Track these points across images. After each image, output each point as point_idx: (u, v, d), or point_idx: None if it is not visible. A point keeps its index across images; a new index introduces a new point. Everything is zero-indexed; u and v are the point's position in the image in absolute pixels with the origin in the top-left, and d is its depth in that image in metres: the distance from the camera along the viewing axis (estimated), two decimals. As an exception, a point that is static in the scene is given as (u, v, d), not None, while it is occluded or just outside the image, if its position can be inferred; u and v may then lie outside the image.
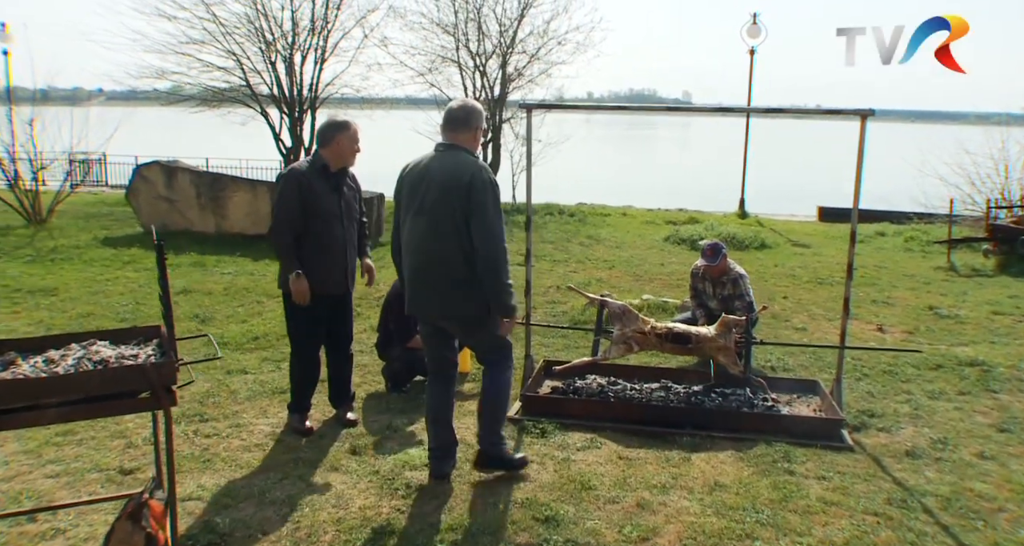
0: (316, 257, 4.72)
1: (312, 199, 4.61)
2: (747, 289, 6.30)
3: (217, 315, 7.80)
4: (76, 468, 4.45)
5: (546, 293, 8.99)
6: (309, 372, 4.99)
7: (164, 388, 2.83)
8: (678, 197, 19.67)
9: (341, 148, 4.70)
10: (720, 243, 6.49)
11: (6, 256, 10.90)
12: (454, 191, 3.88)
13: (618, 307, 5.48)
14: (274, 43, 18.67)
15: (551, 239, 12.80)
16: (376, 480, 4.27)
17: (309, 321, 4.84)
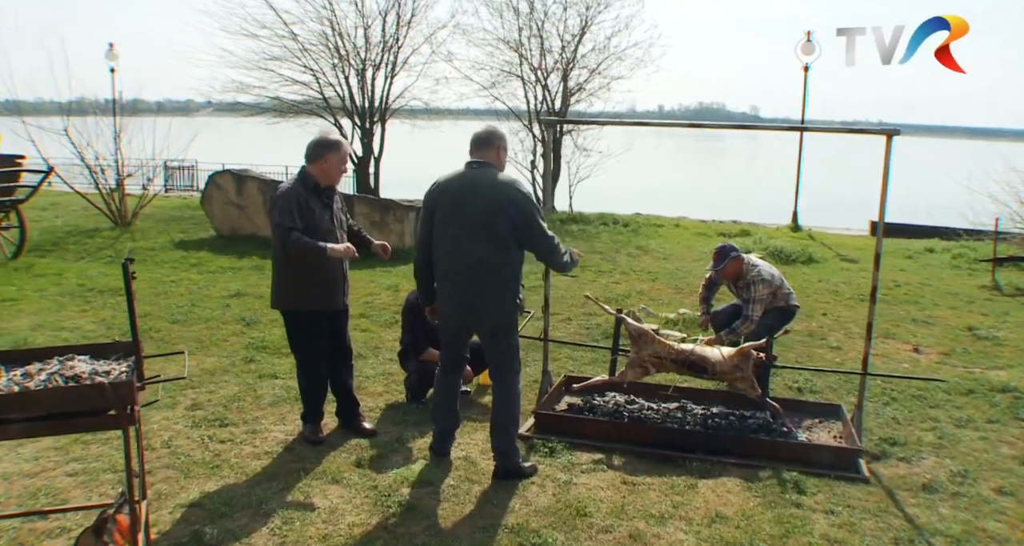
0: (316, 273, 4.60)
1: (309, 217, 4.48)
2: (758, 297, 5.74)
3: (263, 319, 7.78)
4: (94, 468, 4.42)
5: (584, 304, 8.68)
6: (317, 384, 4.88)
7: (123, 407, 2.69)
8: (735, 209, 19.01)
9: (329, 166, 4.57)
10: (727, 246, 5.98)
11: (90, 257, 11.22)
12: (497, 204, 4.09)
13: (635, 330, 5.18)
14: (347, 58, 18.88)
15: (601, 249, 12.47)
16: (372, 496, 4.10)
17: (312, 335, 4.74)
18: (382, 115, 19.84)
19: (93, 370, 2.94)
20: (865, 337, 4.90)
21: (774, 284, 5.82)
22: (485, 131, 4.40)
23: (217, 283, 9.47)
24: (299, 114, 19.69)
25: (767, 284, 5.76)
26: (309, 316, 4.68)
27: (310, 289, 4.59)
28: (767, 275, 5.81)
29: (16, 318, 7.66)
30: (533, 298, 7.84)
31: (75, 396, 2.64)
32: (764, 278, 5.77)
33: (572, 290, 9.40)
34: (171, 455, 4.57)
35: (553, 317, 8.08)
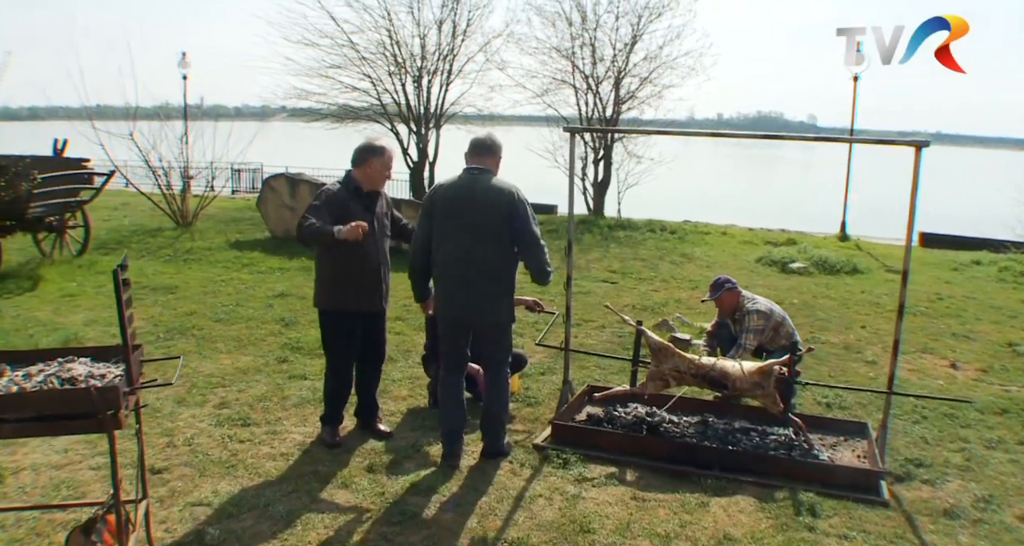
0: (351, 276, 4.57)
1: (346, 218, 4.40)
2: (752, 326, 5.53)
3: (302, 319, 7.81)
4: (120, 462, 4.43)
5: (621, 311, 8.47)
6: (343, 387, 4.84)
7: (108, 411, 2.66)
8: (784, 217, 18.47)
9: (372, 171, 4.56)
10: (724, 278, 5.82)
11: (150, 255, 11.49)
12: (499, 209, 4.24)
13: (655, 344, 5.00)
14: (404, 66, 19.01)
15: (644, 256, 12.24)
16: (378, 502, 4.02)
17: (345, 337, 4.70)
18: (437, 121, 19.92)
19: (89, 373, 2.92)
20: (892, 354, 4.61)
21: (772, 318, 5.59)
22: (487, 139, 4.51)
23: (264, 283, 9.58)
24: (358, 120, 19.92)
25: (761, 315, 5.56)
26: (343, 316, 4.65)
27: (346, 289, 4.57)
28: (764, 308, 5.63)
29: (73, 313, 7.87)
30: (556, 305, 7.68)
31: (61, 399, 2.63)
32: (760, 310, 5.59)
33: (609, 297, 9.21)
34: (191, 453, 4.57)
35: (587, 324, 7.94)
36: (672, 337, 7.09)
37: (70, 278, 9.31)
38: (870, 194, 19.41)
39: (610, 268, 11.17)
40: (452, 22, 18.76)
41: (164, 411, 5.25)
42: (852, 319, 8.26)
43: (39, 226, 9.86)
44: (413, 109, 19.59)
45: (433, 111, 19.77)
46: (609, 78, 17.03)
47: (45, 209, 9.37)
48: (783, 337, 5.65)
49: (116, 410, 2.71)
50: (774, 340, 5.66)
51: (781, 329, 5.65)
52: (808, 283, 10.28)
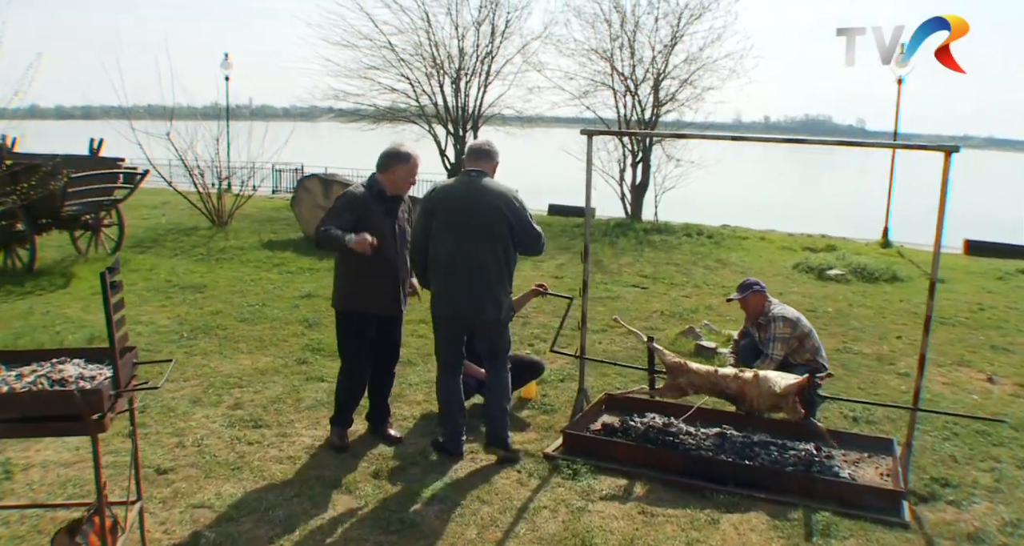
0: (369, 279, 4.58)
1: (366, 220, 4.45)
2: (777, 334, 5.35)
3: (325, 320, 7.81)
4: (125, 461, 4.45)
5: (648, 318, 8.35)
6: (356, 389, 4.83)
7: (91, 414, 2.65)
8: (828, 223, 18.05)
9: (397, 177, 4.59)
10: (753, 280, 5.63)
11: (183, 254, 11.66)
12: (498, 210, 4.39)
13: (668, 361, 4.87)
14: (442, 67, 19.06)
15: (678, 261, 12.04)
16: (379, 509, 3.98)
17: (360, 338, 4.71)
18: (475, 123, 19.94)
19: (80, 374, 2.92)
20: (918, 369, 4.42)
21: (798, 327, 5.39)
22: (485, 144, 4.71)
23: (293, 283, 9.64)
24: (396, 121, 20.04)
25: (788, 322, 5.36)
26: (360, 318, 4.65)
27: (364, 292, 4.59)
28: (790, 315, 5.42)
29: (101, 311, 7.96)
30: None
31: (46, 400, 2.63)
32: (786, 316, 5.39)
33: (639, 302, 9.08)
34: (198, 454, 4.58)
35: (612, 330, 7.81)
36: (697, 345, 6.93)
37: (103, 276, 9.48)
38: (919, 200, 18.82)
39: (642, 273, 11.01)
40: (491, 23, 18.79)
41: (178, 411, 5.29)
42: (888, 329, 7.99)
43: (75, 224, 10.08)
44: (451, 111, 19.65)
45: (471, 113, 19.80)
46: (648, 80, 16.85)
47: (79, 207, 9.57)
48: (808, 350, 5.46)
49: (100, 413, 2.68)
50: (798, 352, 5.47)
51: (807, 341, 5.46)
52: (844, 291, 9.99)
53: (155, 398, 5.48)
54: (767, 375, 4.56)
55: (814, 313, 8.62)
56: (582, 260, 5.42)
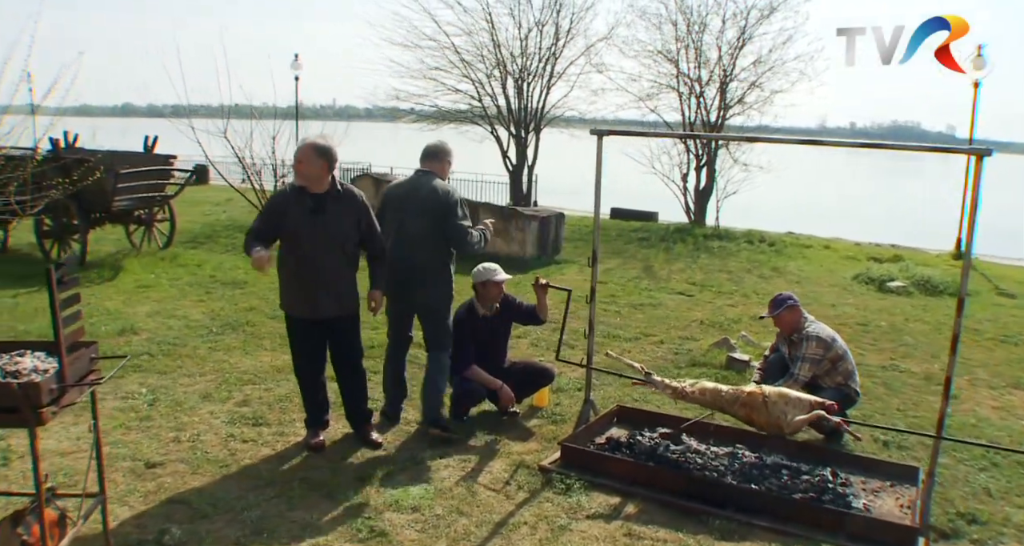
0: (292, 281, 4.52)
1: (284, 220, 4.36)
2: (808, 354, 5.04)
3: (355, 320, 7.80)
4: (119, 454, 4.53)
5: (687, 327, 8.05)
6: (307, 391, 4.79)
7: (30, 408, 2.64)
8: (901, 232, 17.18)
9: (299, 169, 4.39)
10: (786, 294, 5.29)
11: (234, 250, 11.88)
12: (433, 205, 4.81)
13: (670, 392, 4.62)
14: (506, 68, 19.04)
15: (731, 269, 11.63)
16: (353, 516, 3.89)
17: (299, 342, 4.66)
18: (537, 124, 19.84)
19: (35, 367, 2.92)
20: (943, 394, 4.07)
21: (832, 348, 5.06)
22: (437, 145, 5.12)
23: (332, 282, 9.68)
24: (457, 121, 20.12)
25: (821, 343, 5.03)
26: (291, 319, 4.62)
27: (290, 295, 4.55)
28: (825, 335, 5.08)
29: (141, 304, 8.21)
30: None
31: (-15, 392, 2.62)
32: (819, 336, 5.06)
33: (680, 310, 8.78)
34: (191, 450, 4.60)
35: (646, 339, 7.56)
36: (729, 357, 6.63)
37: (150, 270, 9.76)
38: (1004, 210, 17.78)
39: (691, 280, 10.67)
40: (554, 24, 18.66)
41: (186, 405, 5.34)
42: (943, 346, 7.45)
43: (127, 219, 10.41)
44: (513, 112, 19.59)
45: (533, 114, 19.70)
46: (714, 82, 16.41)
47: (130, 202, 9.87)
48: (840, 374, 5.11)
49: (38, 406, 2.67)
50: (829, 375, 5.13)
51: (840, 364, 5.12)
52: (904, 304, 9.43)
53: (166, 392, 5.56)
54: (777, 401, 4.25)
55: (865, 327, 8.17)
56: (589, 264, 5.21)
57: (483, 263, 5.23)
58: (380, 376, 5.48)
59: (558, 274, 10.74)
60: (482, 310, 5.19)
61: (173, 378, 5.90)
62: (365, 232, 4.52)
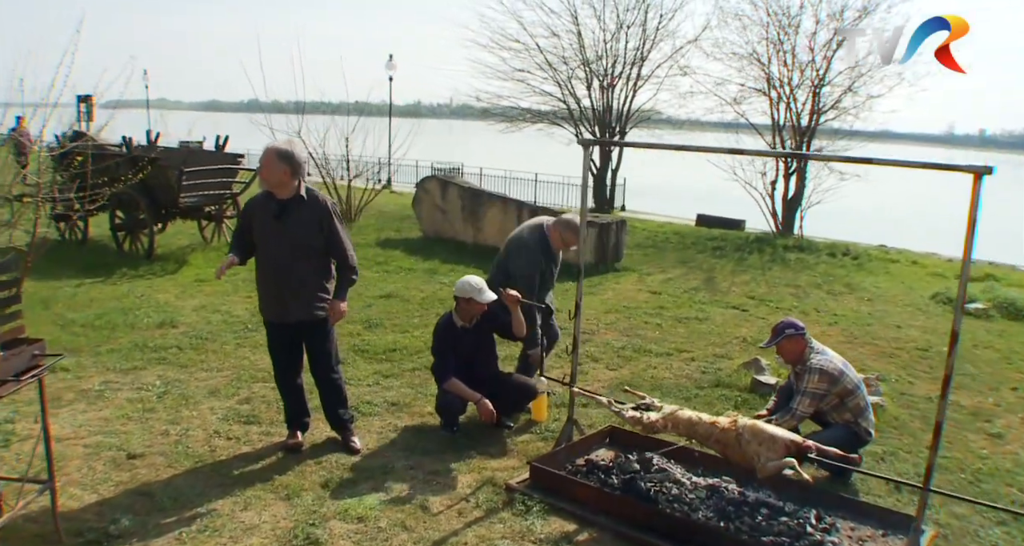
0: (260, 283, 4.66)
1: (254, 224, 4.54)
2: (809, 388, 4.65)
3: (387, 322, 7.92)
4: (108, 443, 4.75)
5: (726, 344, 7.72)
6: (284, 394, 4.93)
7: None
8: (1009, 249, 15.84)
9: (262, 174, 4.51)
10: (788, 322, 4.88)
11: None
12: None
13: (639, 425, 4.38)
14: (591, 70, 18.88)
15: (800, 283, 11.07)
16: (297, 521, 3.93)
17: (273, 345, 4.84)
18: (622, 127, 19.57)
19: None
20: (932, 442, 3.72)
21: (839, 382, 4.64)
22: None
23: (381, 283, 9.86)
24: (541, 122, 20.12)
25: (825, 377, 4.61)
26: (266, 324, 4.78)
27: (261, 298, 4.71)
28: (830, 368, 4.65)
29: (192, 298, 8.60)
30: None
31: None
32: (823, 369, 4.63)
33: (726, 326, 8.43)
34: (175, 444, 4.78)
35: (679, 355, 7.31)
36: (754, 380, 6.31)
37: (211, 265, 10.21)
38: None
39: (751, 293, 10.23)
40: (641, 26, 18.35)
41: (192, 400, 5.55)
42: (1005, 378, 6.85)
43: (197, 214, 10.94)
44: (598, 114, 19.41)
45: (618, 116, 19.45)
46: (804, 86, 15.68)
47: (196, 199, 10.36)
48: (848, 410, 4.73)
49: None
50: (837, 410, 4.76)
51: (848, 400, 4.72)
52: (978, 328, 8.69)
53: (179, 386, 5.80)
54: (750, 441, 3.95)
55: (925, 352, 7.59)
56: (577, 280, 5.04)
57: (469, 277, 5.15)
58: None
59: (612, 283, 10.55)
60: (460, 322, 5.14)
61: (191, 372, 6.15)
62: (328, 238, 4.53)
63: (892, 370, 7.06)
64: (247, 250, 4.59)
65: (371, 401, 5.69)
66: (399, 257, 11.72)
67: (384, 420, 5.37)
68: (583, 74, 19.06)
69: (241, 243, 4.61)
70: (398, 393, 5.89)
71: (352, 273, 4.66)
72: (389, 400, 5.73)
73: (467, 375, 5.16)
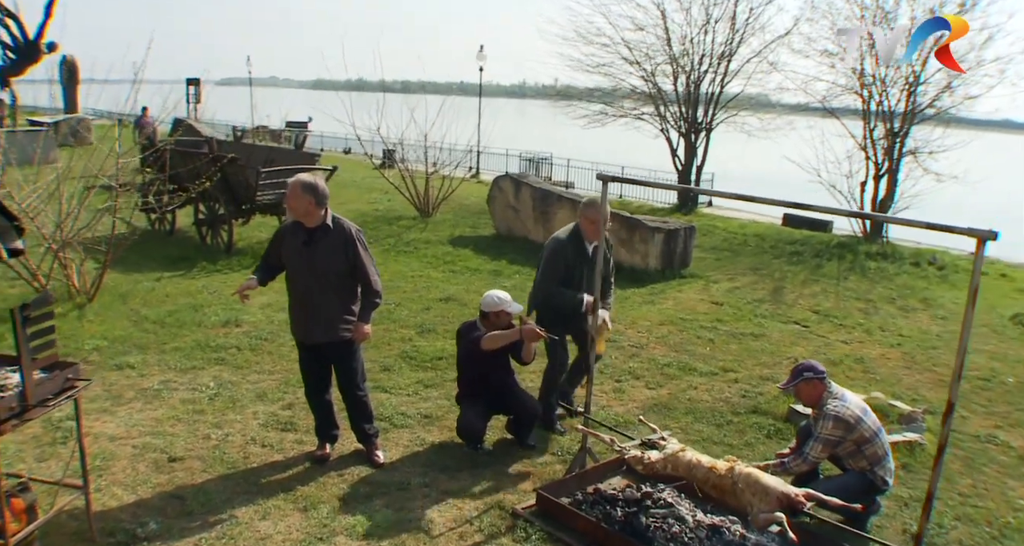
0: (291, 307, 4.95)
1: (283, 250, 4.85)
2: (822, 435, 4.51)
3: (440, 328, 8.14)
4: (155, 444, 5.17)
5: (776, 364, 7.58)
6: (313, 407, 5.23)
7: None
8: None
9: (291, 207, 4.79)
10: (807, 364, 4.76)
11: (373, 244, 12.64)
12: None
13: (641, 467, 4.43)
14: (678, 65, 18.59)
15: (872, 296, 10.68)
16: (309, 535, 4.20)
17: (302, 363, 5.15)
18: (708, 123, 19.21)
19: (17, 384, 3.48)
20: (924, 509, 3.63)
21: (857, 430, 4.49)
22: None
23: (445, 284, 10.12)
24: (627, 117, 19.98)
25: (839, 424, 4.46)
26: (297, 344, 5.12)
27: (291, 319, 5.02)
28: (846, 415, 4.49)
29: (261, 294, 8.87)
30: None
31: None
32: (839, 416, 4.48)
33: (781, 344, 8.27)
34: (213, 449, 5.15)
35: (723, 375, 7.26)
36: (791, 409, 6.21)
37: (285, 260, 10.72)
38: None
39: (817, 307, 9.96)
40: (731, 21, 17.92)
41: (239, 403, 5.93)
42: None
43: (276, 210, 11.48)
44: (684, 110, 19.12)
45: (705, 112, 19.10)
46: (898, 83, 14.99)
47: (274, 196, 10.89)
48: (865, 458, 4.60)
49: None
50: (853, 457, 4.66)
51: (865, 447, 4.58)
52: (1056, 360, 8.22)
53: (230, 388, 6.20)
54: (744, 490, 3.96)
55: (987, 383, 7.26)
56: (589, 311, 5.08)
57: (493, 291, 5.32)
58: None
59: (675, 291, 10.46)
60: (486, 331, 5.27)
61: (244, 374, 6.56)
62: (353, 264, 4.81)
63: (942, 397, 6.79)
64: (271, 272, 4.94)
65: (405, 412, 5.93)
66: (467, 256, 11.96)
67: (413, 433, 5.59)
68: (669, 69, 18.79)
69: (266, 265, 4.94)
70: (434, 405, 6.10)
71: (376, 297, 4.91)
72: (423, 412, 5.95)
73: (482, 385, 5.34)
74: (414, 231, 13.78)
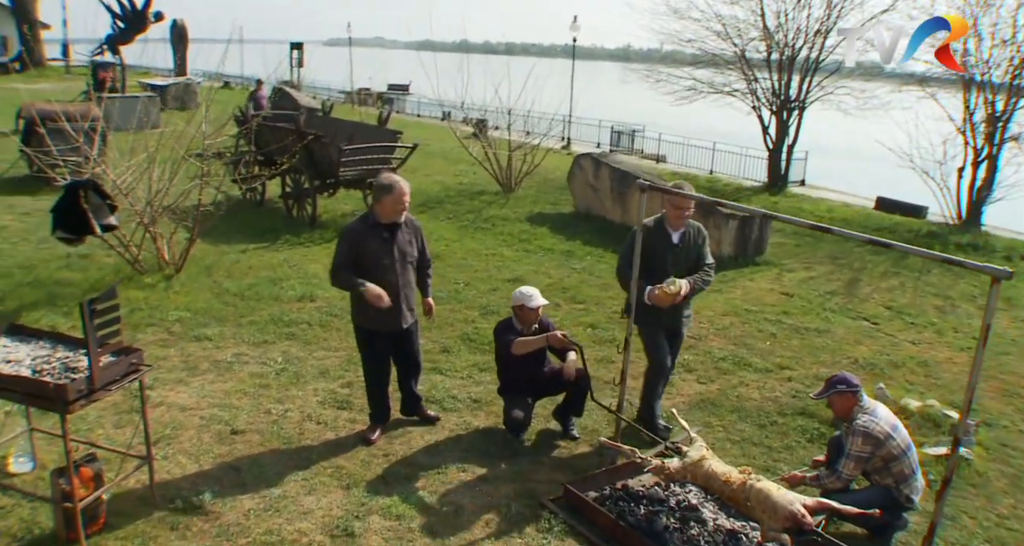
0: (369, 301, 5.08)
1: (365, 251, 5.07)
2: (853, 451, 4.47)
3: (503, 310, 8.18)
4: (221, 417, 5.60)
5: (835, 364, 7.41)
6: (374, 392, 5.49)
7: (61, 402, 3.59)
8: None
9: (384, 206, 5.07)
10: (841, 376, 4.68)
11: (454, 219, 12.88)
12: None
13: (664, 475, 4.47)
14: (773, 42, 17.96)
15: (952, 293, 10.20)
16: (345, 512, 4.51)
17: (372, 353, 5.38)
18: (801, 101, 18.54)
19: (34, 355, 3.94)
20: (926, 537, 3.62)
21: (885, 446, 4.41)
22: None
23: (515, 264, 10.28)
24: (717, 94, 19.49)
25: (869, 440, 4.41)
26: (366, 332, 5.33)
27: (366, 311, 5.16)
28: (876, 431, 4.42)
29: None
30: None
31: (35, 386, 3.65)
32: (868, 432, 4.41)
33: (844, 342, 8.06)
34: (272, 424, 5.54)
35: (778, 372, 7.20)
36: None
37: (365, 235, 11.13)
38: None
39: (891, 303, 9.63)
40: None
41: (303, 379, 6.33)
42: None
43: (359, 185, 11.89)
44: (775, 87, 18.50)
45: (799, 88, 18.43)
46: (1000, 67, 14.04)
47: (357, 172, 11.29)
48: (891, 475, 4.54)
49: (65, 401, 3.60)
50: (880, 473, 4.61)
51: (892, 465, 4.50)
52: None
53: (296, 363, 6.59)
54: (755, 506, 4.01)
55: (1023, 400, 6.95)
56: (622, 315, 5.17)
57: (523, 288, 5.55)
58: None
59: (746, 280, 10.30)
60: (520, 325, 5.46)
61: (311, 350, 6.95)
62: (420, 250, 5.38)
63: (1007, 413, 6.57)
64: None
65: (456, 396, 6.18)
66: (543, 235, 12.07)
67: (461, 417, 5.85)
68: (763, 46, 18.16)
69: (348, 269, 5.13)
70: (485, 389, 6.30)
71: (430, 275, 5.55)
72: (473, 396, 6.18)
73: (523, 381, 5.53)
74: (494, 207, 13.97)
